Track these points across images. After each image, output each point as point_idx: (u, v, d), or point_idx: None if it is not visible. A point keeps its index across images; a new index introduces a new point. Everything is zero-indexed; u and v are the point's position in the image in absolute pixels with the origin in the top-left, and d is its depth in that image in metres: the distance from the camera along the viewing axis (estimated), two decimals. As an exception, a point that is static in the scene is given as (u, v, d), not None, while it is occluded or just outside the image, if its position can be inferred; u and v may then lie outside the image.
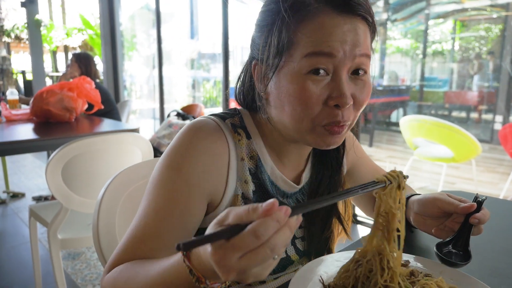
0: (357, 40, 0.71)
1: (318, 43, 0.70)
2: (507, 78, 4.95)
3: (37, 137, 2.41)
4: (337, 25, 0.70)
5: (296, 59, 0.71)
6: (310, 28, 0.71)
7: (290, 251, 0.89)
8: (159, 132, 4.01)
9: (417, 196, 0.92)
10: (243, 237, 0.46)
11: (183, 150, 0.77)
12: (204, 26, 7.45)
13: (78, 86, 2.92)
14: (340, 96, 0.71)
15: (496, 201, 1.32)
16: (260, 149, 0.85)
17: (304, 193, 0.92)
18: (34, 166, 5.57)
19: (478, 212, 0.79)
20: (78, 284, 2.52)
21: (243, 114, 0.87)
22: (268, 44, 0.75)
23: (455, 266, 0.72)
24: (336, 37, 0.70)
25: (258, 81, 0.80)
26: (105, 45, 6.16)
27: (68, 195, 1.94)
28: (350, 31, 0.70)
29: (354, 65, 0.72)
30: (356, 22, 0.71)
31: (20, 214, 3.75)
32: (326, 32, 0.70)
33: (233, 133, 0.82)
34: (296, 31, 0.71)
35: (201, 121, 0.81)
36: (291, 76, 0.73)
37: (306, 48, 0.71)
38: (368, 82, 0.76)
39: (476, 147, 3.69)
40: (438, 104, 6.21)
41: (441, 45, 6.15)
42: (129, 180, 1.10)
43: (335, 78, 0.71)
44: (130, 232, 0.75)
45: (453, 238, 0.79)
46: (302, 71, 0.71)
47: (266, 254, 0.47)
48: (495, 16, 5.36)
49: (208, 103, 7.61)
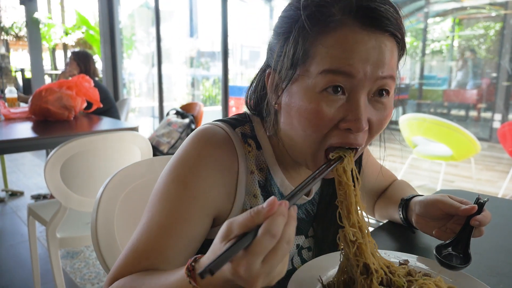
0: (382, 59, 0.64)
1: (337, 60, 0.63)
2: (506, 76, 4.95)
3: (36, 135, 2.41)
4: (360, 41, 0.63)
5: (312, 75, 0.66)
6: (330, 42, 0.64)
7: (296, 261, 0.88)
8: (158, 130, 4.01)
9: (419, 197, 0.92)
10: (260, 240, 0.46)
11: (191, 164, 0.73)
12: (203, 24, 7.45)
13: (77, 84, 2.92)
14: (355, 120, 0.65)
15: (495, 200, 1.32)
16: (271, 160, 0.81)
17: (314, 203, 0.90)
18: (33, 165, 5.56)
19: (479, 214, 0.79)
20: (77, 283, 2.52)
21: (254, 122, 0.83)
22: (283, 54, 0.70)
23: (454, 269, 0.72)
24: (357, 55, 0.63)
25: (270, 91, 0.75)
26: (104, 43, 6.15)
27: (67, 193, 1.94)
28: (374, 49, 0.64)
29: (375, 86, 0.66)
30: (382, 38, 0.65)
31: (19, 212, 3.75)
32: (347, 48, 0.63)
33: (243, 143, 0.78)
34: (315, 43, 0.65)
35: (209, 131, 0.77)
36: (304, 92, 0.67)
37: (323, 63, 0.64)
38: (389, 105, 0.70)
39: (475, 145, 3.69)
40: (437, 103, 6.21)
41: (440, 44, 6.14)
42: (128, 179, 1.10)
43: (351, 100, 0.65)
44: (132, 244, 0.72)
45: (453, 240, 0.79)
46: (316, 88, 0.65)
47: (285, 249, 0.47)
48: (494, 14, 5.36)
49: (207, 101, 7.60)
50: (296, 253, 0.88)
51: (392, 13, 0.65)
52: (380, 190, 1.11)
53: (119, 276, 0.70)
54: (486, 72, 5.57)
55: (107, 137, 2.00)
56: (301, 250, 0.89)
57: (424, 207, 0.87)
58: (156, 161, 1.16)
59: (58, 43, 10.20)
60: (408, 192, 1.00)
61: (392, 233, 1.00)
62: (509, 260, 0.87)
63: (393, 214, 1.01)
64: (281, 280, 0.65)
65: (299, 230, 0.87)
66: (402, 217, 0.96)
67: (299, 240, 0.88)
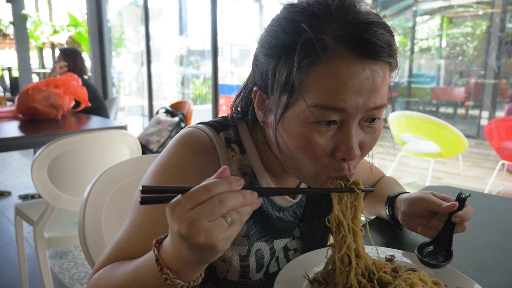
0: (374, 90, 0.63)
1: (330, 96, 0.62)
2: (493, 74, 5.02)
3: (23, 134, 2.38)
4: (353, 73, 0.61)
5: (303, 105, 0.64)
6: (323, 75, 0.62)
7: (281, 263, 0.88)
8: (147, 129, 3.98)
9: (404, 195, 0.93)
10: (195, 190, 0.52)
11: (173, 169, 0.74)
12: (193, 22, 7.41)
13: (64, 83, 2.89)
14: (347, 150, 0.65)
15: (481, 196, 1.34)
16: (256, 165, 0.81)
17: (301, 205, 0.90)
18: (20, 164, 5.49)
19: (461, 210, 0.79)
20: (65, 283, 2.50)
21: (239, 126, 0.82)
22: (274, 78, 0.67)
23: (436, 267, 0.72)
24: (350, 89, 0.62)
25: (258, 108, 0.74)
26: (93, 41, 6.09)
27: (54, 193, 1.92)
28: (367, 80, 0.62)
29: (366, 116, 0.66)
30: (376, 67, 0.63)
31: (6, 212, 3.71)
32: (340, 82, 0.61)
33: (226, 148, 0.78)
34: (307, 72, 0.63)
35: (192, 136, 0.76)
36: (295, 120, 0.66)
37: (315, 97, 0.63)
38: (379, 127, 0.70)
39: (463, 142, 3.74)
40: (425, 100, 6.26)
41: (428, 42, 6.19)
42: (115, 177, 1.09)
43: (343, 129, 0.65)
44: (116, 241, 0.74)
45: (436, 238, 0.79)
46: (308, 120, 0.64)
47: (215, 205, 0.51)
48: (481, 13, 5.42)
49: (197, 100, 7.57)
50: (282, 253, 0.88)
51: (387, 38, 0.63)
52: (368, 186, 1.12)
53: (103, 267, 0.73)
54: (473, 70, 5.63)
55: (95, 136, 1.98)
56: (287, 252, 0.89)
57: (408, 205, 0.87)
58: (145, 159, 1.15)
59: (46, 41, 10.08)
60: (394, 189, 1.01)
61: (379, 229, 1.01)
62: (494, 254, 0.89)
63: (380, 211, 1.01)
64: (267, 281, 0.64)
65: (285, 232, 0.88)
66: (389, 214, 0.97)
67: (284, 242, 0.88)
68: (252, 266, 0.81)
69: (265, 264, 0.84)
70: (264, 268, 0.84)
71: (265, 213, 0.83)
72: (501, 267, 0.83)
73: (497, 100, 5.09)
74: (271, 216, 0.84)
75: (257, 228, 0.82)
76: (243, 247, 0.81)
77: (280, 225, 0.86)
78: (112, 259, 0.73)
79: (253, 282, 0.83)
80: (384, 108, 0.68)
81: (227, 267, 0.80)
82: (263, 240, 0.83)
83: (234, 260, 0.80)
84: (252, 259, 0.81)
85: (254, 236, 0.82)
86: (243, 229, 0.80)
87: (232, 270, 0.80)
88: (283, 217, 0.86)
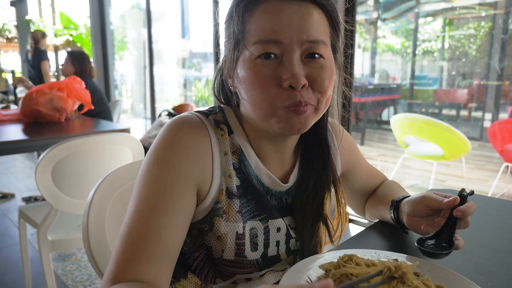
0: (304, 24, 0.72)
1: (264, 30, 0.72)
2: (496, 75, 5.00)
3: (27, 137, 2.39)
4: (281, 10, 0.71)
5: (248, 48, 0.74)
6: (256, 16, 0.73)
7: (281, 249, 0.88)
8: (150, 132, 3.99)
9: (407, 198, 0.93)
10: None
11: (168, 144, 0.77)
12: (195, 25, 7.43)
13: (68, 86, 2.90)
14: (291, 76, 0.71)
15: (485, 199, 1.33)
16: (243, 143, 0.84)
17: (290, 194, 0.90)
18: (24, 167, 5.52)
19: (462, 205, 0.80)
20: (68, 285, 2.50)
21: (225, 110, 0.88)
22: (228, 38, 0.79)
23: (435, 257, 0.72)
24: (280, 22, 0.71)
25: (227, 77, 0.83)
26: (96, 44, 6.12)
27: (58, 196, 1.92)
28: (296, 14, 0.72)
29: (304, 50, 0.73)
30: (305, 6, 0.73)
31: (10, 215, 3.72)
32: (271, 18, 0.72)
33: (216, 128, 0.83)
34: (247, 19, 0.74)
35: (183, 117, 0.81)
36: (244, 63, 0.75)
37: (254, 36, 0.73)
38: (326, 65, 0.75)
39: (466, 144, 3.73)
40: (428, 102, 6.25)
41: (431, 44, 6.19)
42: (119, 180, 1.09)
43: (284, 60, 0.72)
44: (126, 236, 0.71)
45: (436, 233, 0.80)
46: (252, 57, 0.73)
47: None
48: (484, 14, 5.41)
49: (199, 102, 7.58)
50: (284, 239, 0.87)
51: None
52: (370, 190, 1.12)
53: (121, 273, 0.68)
54: (476, 72, 5.62)
55: (98, 139, 1.99)
56: (289, 239, 0.88)
57: (412, 206, 0.88)
58: (148, 162, 1.15)
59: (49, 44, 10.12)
60: (398, 193, 1.01)
61: (382, 232, 1.01)
62: (498, 258, 0.88)
63: (384, 214, 1.01)
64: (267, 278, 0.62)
65: (273, 215, 0.86)
66: (394, 218, 0.97)
67: (278, 223, 0.87)
68: (247, 244, 0.82)
69: (259, 243, 0.84)
70: (261, 249, 0.84)
71: (257, 191, 0.84)
72: (505, 271, 0.83)
73: (500, 102, 5.07)
74: (263, 194, 0.85)
75: (251, 207, 0.83)
76: (238, 224, 0.81)
77: (271, 205, 0.87)
78: (129, 257, 0.69)
79: (250, 262, 0.83)
80: (324, 46, 0.74)
81: (223, 246, 0.81)
82: (258, 219, 0.84)
83: (229, 238, 0.81)
84: (247, 237, 0.82)
85: (248, 214, 0.83)
86: (237, 205, 0.82)
87: (227, 249, 0.81)
88: (269, 199, 0.87)
